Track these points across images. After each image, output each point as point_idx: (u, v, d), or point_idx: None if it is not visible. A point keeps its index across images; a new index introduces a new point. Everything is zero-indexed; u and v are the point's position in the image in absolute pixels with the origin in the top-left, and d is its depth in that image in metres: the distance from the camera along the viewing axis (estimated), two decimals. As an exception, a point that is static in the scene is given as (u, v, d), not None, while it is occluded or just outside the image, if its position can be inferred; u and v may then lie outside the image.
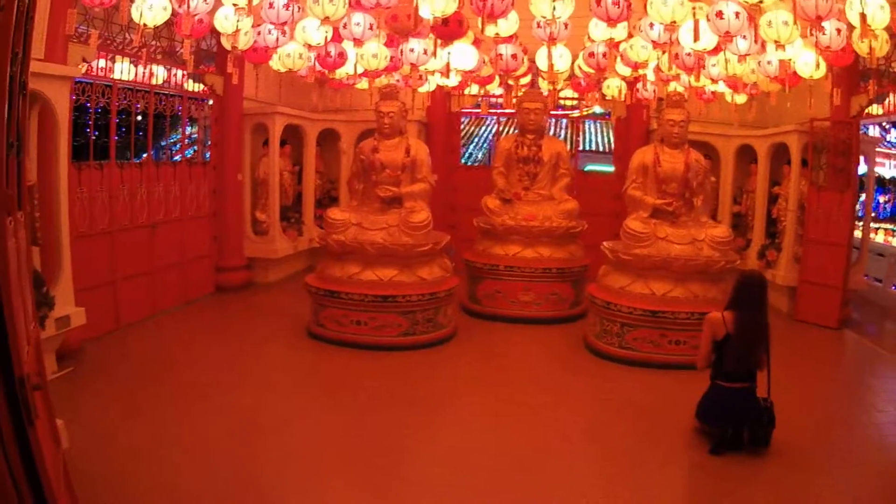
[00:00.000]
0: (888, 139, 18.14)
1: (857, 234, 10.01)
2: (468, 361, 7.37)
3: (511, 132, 11.18)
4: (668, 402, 6.03)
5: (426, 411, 5.94)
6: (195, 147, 10.92)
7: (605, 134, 22.72)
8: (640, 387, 6.61)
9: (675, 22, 5.82)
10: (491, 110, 12.42)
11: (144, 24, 6.09)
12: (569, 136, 17.46)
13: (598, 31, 6.68)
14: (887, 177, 18.59)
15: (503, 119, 13.52)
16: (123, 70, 8.18)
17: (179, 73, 9.22)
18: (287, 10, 6.25)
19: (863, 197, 9.97)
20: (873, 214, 11.72)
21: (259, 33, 7.01)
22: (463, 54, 7.29)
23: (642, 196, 7.69)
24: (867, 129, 11.49)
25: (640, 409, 6.05)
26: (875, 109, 8.63)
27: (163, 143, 10.90)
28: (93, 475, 4.37)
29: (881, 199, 17.44)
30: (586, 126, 21.36)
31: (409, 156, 7.97)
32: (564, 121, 17.97)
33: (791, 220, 9.54)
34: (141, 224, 8.37)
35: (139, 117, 8.52)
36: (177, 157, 10.56)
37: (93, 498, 3.98)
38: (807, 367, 7.54)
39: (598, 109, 13.23)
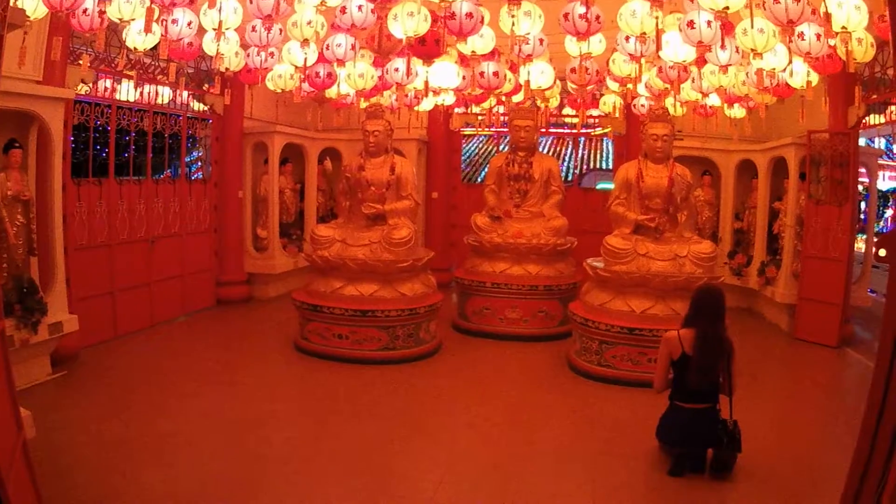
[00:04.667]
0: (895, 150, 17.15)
1: (862, 247, 9.79)
2: (446, 377, 7.37)
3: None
4: (640, 421, 5.82)
5: (396, 425, 5.96)
6: (199, 164, 11.19)
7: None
8: (615, 405, 6.53)
9: (645, 33, 5.81)
10: (489, 129, 12.47)
11: (135, 48, 6.32)
12: (580, 154, 17.40)
13: (573, 45, 6.68)
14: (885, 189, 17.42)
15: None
16: (127, 91, 8.48)
17: (185, 93, 9.51)
18: (268, 32, 6.42)
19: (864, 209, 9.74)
20: (882, 230, 11.38)
21: (248, 55, 7.21)
22: (443, 73, 7.35)
23: (624, 212, 7.65)
24: (873, 141, 11.18)
25: (611, 427, 5.99)
26: (875, 119, 8.43)
27: (186, 160, 11.21)
28: (61, 464, 4.82)
29: (889, 212, 16.65)
30: (604, 144, 21.29)
31: (394, 174, 8.07)
32: (582, 139, 17.94)
33: (789, 236, 9.39)
34: (139, 238, 8.65)
35: (137, 136, 8.79)
36: (197, 175, 10.87)
37: (54, 480, 4.43)
38: (797, 387, 7.40)
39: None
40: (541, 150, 10.22)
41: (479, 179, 20.34)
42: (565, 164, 21.38)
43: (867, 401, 2.95)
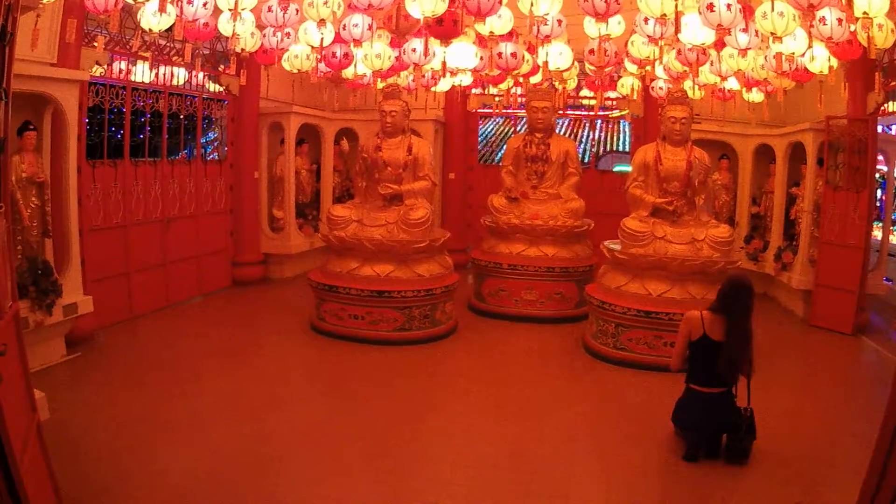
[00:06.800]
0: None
1: (878, 235, 9.68)
2: (461, 359, 7.41)
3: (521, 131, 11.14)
4: (656, 405, 5.78)
5: (412, 406, 6.00)
6: (214, 145, 11.21)
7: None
8: (631, 388, 6.53)
9: (665, 15, 5.74)
10: (506, 110, 12.38)
11: (150, 30, 6.30)
12: (597, 136, 17.32)
13: (592, 27, 6.62)
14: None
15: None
16: (142, 72, 8.47)
17: (201, 74, 9.50)
18: (284, 12, 6.39)
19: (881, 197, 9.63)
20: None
21: (265, 35, 7.19)
22: (460, 53, 7.30)
23: (642, 194, 7.61)
24: (890, 128, 11.01)
25: (626, 411, 5.98)
26: (894, 106, 8.32)
27: (202, 141, 11.21)
28: (75, 445, 4.83)
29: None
30: (622, 126, 21.11)
31: (410, 154, 8.06)
32: (599, 122, 17.84)
33: (806, 222, 9.30)
34: (155, 219, 8.69)
35: (152, 117, 8.81)
36: (213, 156, 10.89)
37: (69, 462, 4.41)
38: (812, 374, 7.33)
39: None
40: (558, 131, 10.14)
41: (496, 160, 20.23)
42: (582, 145, 21.06)
43: (888, 399, 2.92)
